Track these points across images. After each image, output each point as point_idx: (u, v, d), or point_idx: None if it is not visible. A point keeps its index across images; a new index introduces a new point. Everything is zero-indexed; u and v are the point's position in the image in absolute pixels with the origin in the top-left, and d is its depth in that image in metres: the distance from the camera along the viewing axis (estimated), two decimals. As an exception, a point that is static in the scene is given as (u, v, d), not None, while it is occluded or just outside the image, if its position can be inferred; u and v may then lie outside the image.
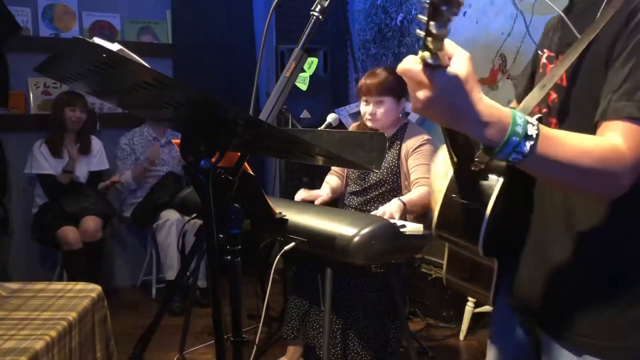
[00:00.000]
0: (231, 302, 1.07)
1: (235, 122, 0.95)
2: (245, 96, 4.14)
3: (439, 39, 0.72)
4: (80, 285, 1.87)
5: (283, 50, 3.61)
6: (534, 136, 0.83)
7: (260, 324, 2.27)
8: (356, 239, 1.89)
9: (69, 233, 3.46)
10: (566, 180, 0.89)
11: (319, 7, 1.21)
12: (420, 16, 0.72)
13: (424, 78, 0.77)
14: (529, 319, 1.16)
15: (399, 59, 0.82)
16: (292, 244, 2.05)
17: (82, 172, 3.72)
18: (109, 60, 0.75)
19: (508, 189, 1.04)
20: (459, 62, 0.79)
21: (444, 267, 1.19)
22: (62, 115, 3.62)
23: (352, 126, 2.97)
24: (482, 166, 0.99)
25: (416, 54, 0.82)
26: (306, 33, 1.22)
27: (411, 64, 0.79)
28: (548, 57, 1.12)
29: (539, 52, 1.16)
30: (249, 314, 3.23)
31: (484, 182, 1.04)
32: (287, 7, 3.80)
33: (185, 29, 4.28)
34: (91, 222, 3.55)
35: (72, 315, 1.62)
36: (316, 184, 2.87)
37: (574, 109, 1.03)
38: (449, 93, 0.78)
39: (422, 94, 0.79)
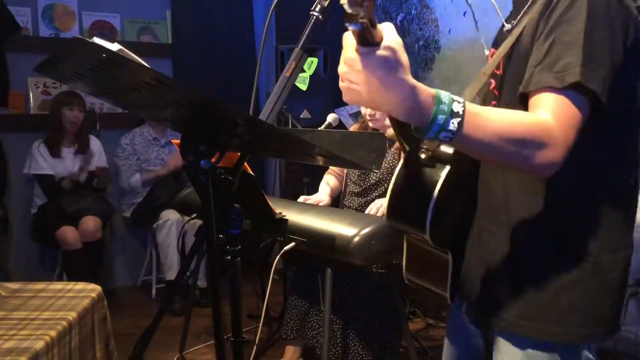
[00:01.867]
0: (231, 302, 1.07)
1: (235, 122, 0.95)
2: (245, 96, 4.13)
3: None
4: (80, 285, 1.87)
5: (283, 50, 3.61)
6: (460, 113, 0.84)
7: (260, 324, 2.27)
8: (356, 239, 1.89)
9: (68, 233, 3.45)
10: (498, 154, 0.90)
11: (318, 7, 1.21)
12: None
13: (355, 55, 0.79)
14: (474, 309, 1.20)
15: (398, 59, 0.81)
16: (292, 244, 2.05)
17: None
18: (109, 60, 0.75)
19: (459, 179, 1.07)
20: (388, 43, 0.79)
21: (404, 264, 1.19)
22: (59, 115, 3.61)
23: (354, 126, 2.97)
24: (430, 153, 1.02)
25: (416, 53, 0.83)
26: (306, 33, 1.21)
27: (352, 53, 0.80)
28: (493, 54, 1.19)
29: (487, 51, 1.25)
30: (249, 314, 3.23)
31: (431, 169, 1.06)
32: (287, 7, 3.77)
33: (185, 29, 4.28)
34: (90, 222, 3.55)
35: (72, 315, 1.62)
36: (316, 184, 2.87)
37: (507, 93, 1.09)
38: (380, 72, 0.79)
39: (353, 75, 0.81)
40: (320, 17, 1.21)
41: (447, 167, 1.03)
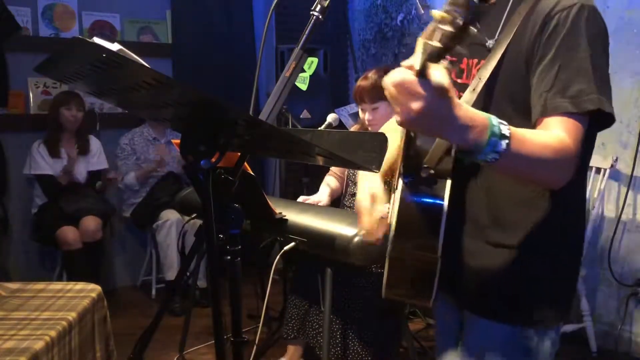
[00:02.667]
0: (231, 302, 1.07)
1: (235, 122, 0.94)
2: (245, 96, 4.13)
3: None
4: (80, 285, 1.88)
5: (283, 50, 3.60)
6: (508, 135, 0.90)
7: (260, 324, 2.27)
8: (356, 239, 1.89)
9: (69, 233, 3.45)
10: (532, 172, 0.98)
11: (319, 6, 1.21)
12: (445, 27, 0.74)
13: (419, 89, 0.82)
14: (458, 303, 1.26)
15: (399, 59, 0.82)
16: (292, 244, 2.05)
17: (81, 172, 3.71)
18: (108, 60, 0.75)
19: (458, 191, 1.09)
20: (439, 71, 0.83)
21: (385, 281, 1.19)
22: (58, 115, 3.61)
23: (354, 127, 2.97)
24: (432, 171, 1.05)
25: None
26: (306, 33, 1.22)
27: (406, 75, 0.83)
28: (450, 62, 1.17)
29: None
30: (249, 314, 3.22)
31: (432, 187, 1.07)
32: (287, 7, 3.80)
33: (185, 29, 4.28)
34: (91, 222, 3.54)
35: (72, 315, 1.62)
36: (316, 184, 2.87)
37: (493, 108, 1.10)
38: (438, 102, 0.83)
39: (416, 105, 0.83)
40: (320, 17, 1.22)
41: (449, 183, 1.05)
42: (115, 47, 1.03)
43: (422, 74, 0.81)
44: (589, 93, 0.99)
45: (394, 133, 1.22)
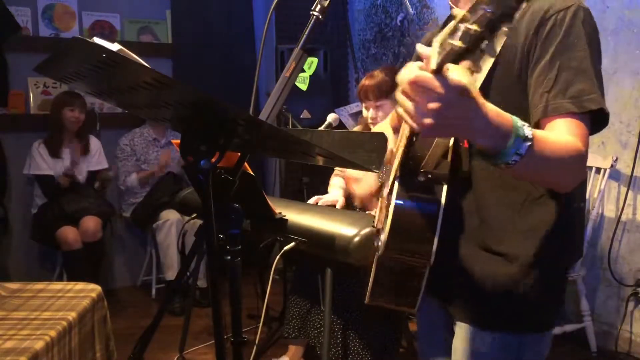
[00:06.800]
0: (231, 302, 1.07)
1: (235, 122, 0.94)
2: (245, 96, 4.12)
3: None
4: (80, 285, 1.88)
5: (283, 50, 3.61)
6: (530, 137, 0.87)
7: (260, 324, 2.27)
8: (356, 239, 1.89)
9: (69, 233, 3.45)
10: (547, 175, 0.97)
11: (318, 6, 1.21)
12: (474, 27, 0.69)
13: (437, 85, 0.76)
14: (445, 308, 1.25)
15: (399, 58, 0.81)
16: (292, 244, 2.05)
17: (81, 172, 3.71)
18: (108, 60, 0.75)
19: (452, 198, 1.08)
20: (459, 70, 0.78)
21: (370, 285, 1.19)
22: (60, 115, 3.61)
23: (357, 128, 2.97)
24: (430, 176, 1.04)
25: (415, 53, 0.82)
26: (306, 33, 1.22)
27: (422, 72, 0.78)
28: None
29: None
30: (249, 314, 3.23)
31: (428, 192, 1.06)
32: (287, 7, 3.79)
33: (185, 29, 4.28)
34: (91, 222, 3.54)
35: (71, 315, 1.62)
36: (316, 184, 2.87)
37: None
38: (459, 100, 0.78)
39: (433, 104, 0.77)
40: (320, 17, 1.22)
41: (445, 188, 1.04)
42: (115, 47, 1.03)
43: (438, 72, 0.75)
44: (590, 93, 0.98)
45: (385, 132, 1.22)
